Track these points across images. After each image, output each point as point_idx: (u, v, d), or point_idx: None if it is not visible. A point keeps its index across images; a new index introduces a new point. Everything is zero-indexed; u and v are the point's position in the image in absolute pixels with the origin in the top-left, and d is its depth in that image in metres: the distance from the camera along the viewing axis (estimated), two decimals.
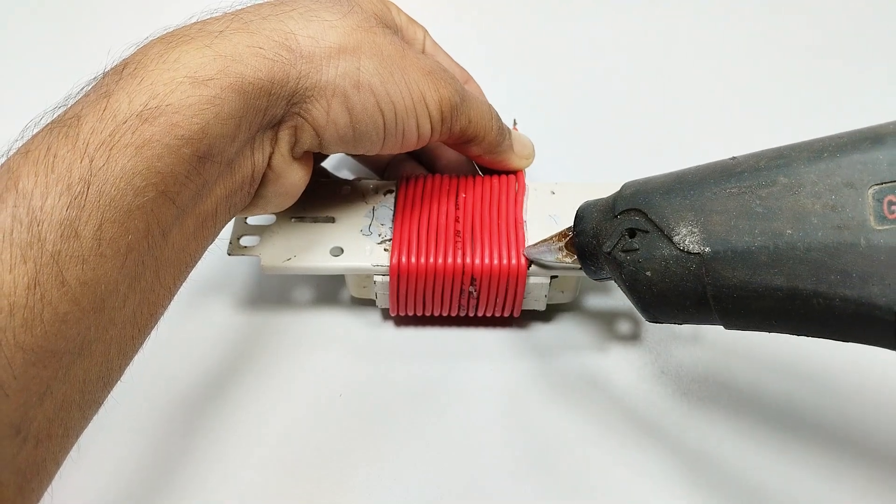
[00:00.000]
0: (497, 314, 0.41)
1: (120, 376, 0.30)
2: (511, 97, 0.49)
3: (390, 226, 0.40)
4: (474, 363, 0.42)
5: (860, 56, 0.58)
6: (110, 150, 0.26)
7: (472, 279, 0.39)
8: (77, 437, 0.28)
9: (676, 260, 0.30)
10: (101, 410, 0.30)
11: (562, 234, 0.37)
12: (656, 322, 0.33)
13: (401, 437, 0.39)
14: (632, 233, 0.32)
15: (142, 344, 0.31)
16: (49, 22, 0.62)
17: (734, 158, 0.31)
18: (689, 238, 0.30)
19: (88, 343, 0.26)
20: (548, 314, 0.44)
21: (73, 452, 0.29)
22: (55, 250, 0.25)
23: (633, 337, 0.43)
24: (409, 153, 0.45)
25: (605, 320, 0.44)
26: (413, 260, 0.38)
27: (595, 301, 0.45)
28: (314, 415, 0.39)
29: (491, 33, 0.61)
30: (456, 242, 0.39)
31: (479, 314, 0.41)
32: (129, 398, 0.32)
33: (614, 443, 0.39)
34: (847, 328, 0.27)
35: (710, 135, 0.53)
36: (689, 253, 0.30)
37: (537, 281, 0.39)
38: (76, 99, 0.29)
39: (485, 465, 0.38)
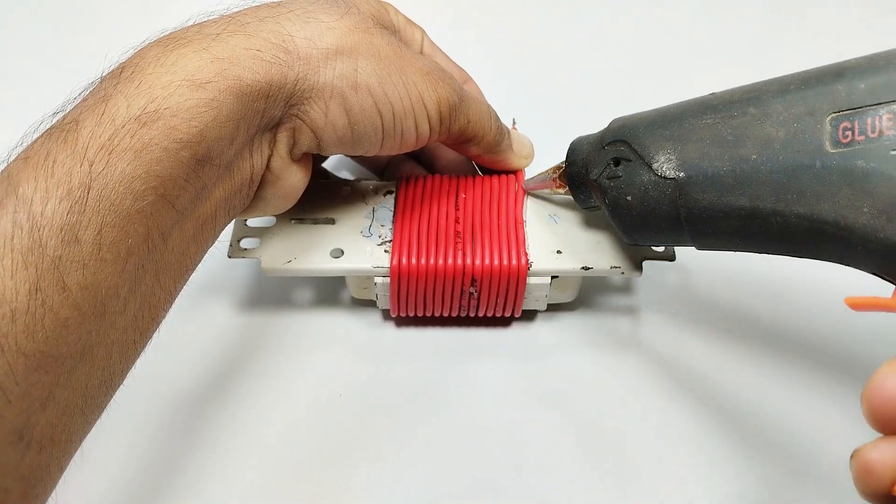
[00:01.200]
0: (498, 314, 0.41)
1: (122, 380, 0.30)
2: (510, 97, 0.49)
3: (390, 227, 0.40)
4: (475, 363, 0.42)
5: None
6: (109, 154, 0.26)
7: (473, 280, 0.39)
8: (80, 441, 0.28)
9: (654, 185, 0.32)
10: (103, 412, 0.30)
11: (556, 168, 0.40)
12: (636, 244, 0.36)
13: (401, 438, 0.39)
14: (616, 162, 0.34)
15: (143, 347, 0.31)
16: (48, 24, 0.62)
17: (713, 94, 0.33)
18: (665, 165, 0.32)
19: (90, 347, 0.26)
20: (548, 314, 0.44)
21: (76, 454, 0.29)
22: (56, 255, 0.25)
23: (634, 336, 0.43)
24: (408, 153, 0.45)
25: (606, 320, 0.44)
26: (413, 261, 0.38)
27: (596, 300, 0.45)
28: (315, 415, 0.40)
29: (489, 34, 0.61)
30: (456, 243, 0.39)
31: (480, 314, 0.41)
32: (131, 400, 0.32)
33: (615, 442, 0.39)
34: (803, 244, 0.29)
35: None
36: (665, 178, 0.32)
37: (538, 281, 0.39)
38: (74, 104, 0.28)
39: (485, 465, 0.38)
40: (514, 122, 0.45)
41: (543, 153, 0.44)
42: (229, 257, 0.39)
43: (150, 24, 0.33)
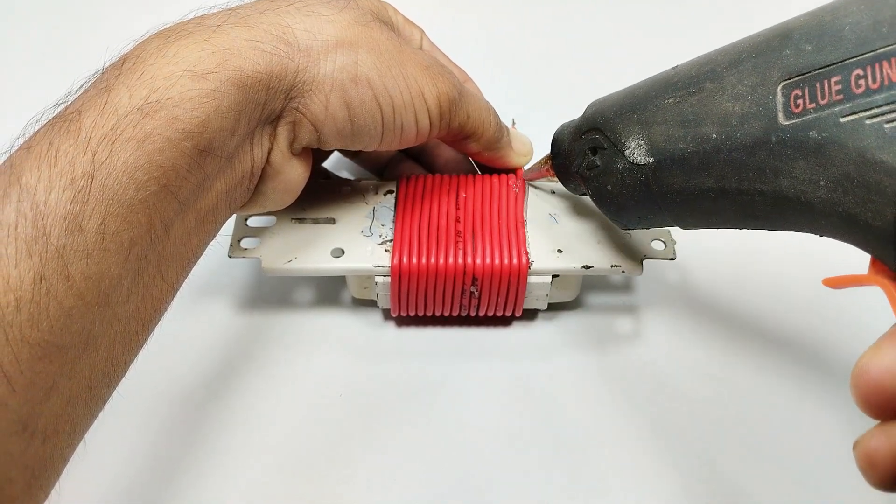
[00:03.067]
0: (498, 314, 0.41)
1: (125, 373, 0.30)
2: (508, 98, 0.49)
3: (391, 226, 0.40)
4: (476, 363, 0.42)
5: None
6: (112, 144, 0.26)
7: (474, 279, 0.39)
8: (83, 433, 0.28)
9: (629, 172, 0.32)
10: (104, 410, 0.30)
11: (547, 157, 0.40)
12: (627, 230, 0.36)
13: (402, 438, 0.39)
14: (594, 151, 0.34)
15: (146, 340, 0.30)
16: (50, 18, 0.62)
17: (675, 67, 0.32)
18: (637, 151, 0.32)
19: (93, 338, 0.26)
20: (549, 313, 0.44)
21: (78, 448, 0.28)
22: (60, 244, 0.25)
23: (635, 335, 0.43)
24: (407, 153, 0.45)
25: (607, 319, 0.44)
26: (414, 260, 0.38)
27: (596, 299, 0.45)
28: (315, 415, 0.39)
29: (488, 34, 0.61)
30: (457, 242, 0.39)
31: (481, 314, 0.41)
32: (132, 399, 0.32)
33: (616, 441, 0.39)
34: (774, 220, 0.29)
35: None
36: (638, 165, 0.32)
37: (538, 280, 0.39)
38: (76, 95, 0.28)
39: (486, 464, 0.38)
40: (513, 122, 0.45)
41: (544, 153, 0.44)
42: (230, 257, 0.39)
43: (151, 21, 0.33)
